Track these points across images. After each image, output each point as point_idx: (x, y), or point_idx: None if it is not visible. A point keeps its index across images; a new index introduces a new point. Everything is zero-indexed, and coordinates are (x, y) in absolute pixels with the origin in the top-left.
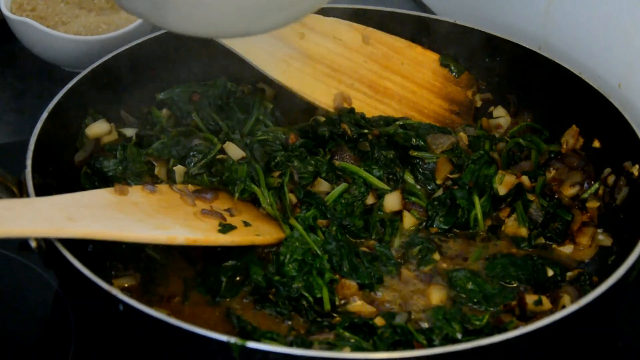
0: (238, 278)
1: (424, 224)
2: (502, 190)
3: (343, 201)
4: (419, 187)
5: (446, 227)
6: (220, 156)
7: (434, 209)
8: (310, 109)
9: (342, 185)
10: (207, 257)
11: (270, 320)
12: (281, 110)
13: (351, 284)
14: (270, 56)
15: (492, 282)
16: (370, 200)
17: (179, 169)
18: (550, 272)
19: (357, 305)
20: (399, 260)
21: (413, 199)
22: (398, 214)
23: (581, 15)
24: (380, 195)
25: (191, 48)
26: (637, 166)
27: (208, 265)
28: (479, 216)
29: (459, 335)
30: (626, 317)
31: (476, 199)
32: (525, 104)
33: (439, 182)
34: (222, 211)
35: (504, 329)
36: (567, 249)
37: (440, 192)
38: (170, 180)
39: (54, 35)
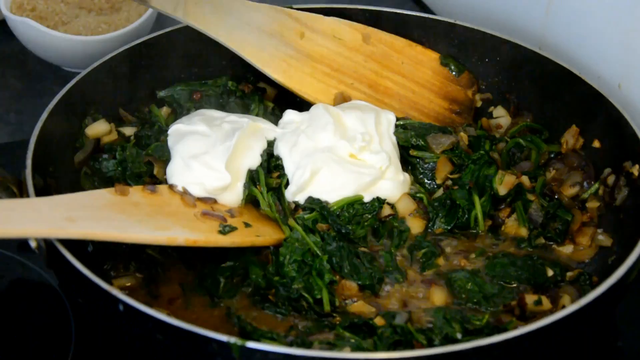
0: (236, 279)
1: (429, 224)
2: (502, 190)
3: (352, 211)
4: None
5: (448, 228)
6: None
7: (434, 210)
8: None
9: (356, 196)
10: (205, 258)
11: (270, 320)
12: (281, 110)
13: (352, 285)
14: (270, 56)
15: (492, 282)
16: (386, 211)
17: None
18: (550, 272)
19: (357, 305)
20: (405, 264)
21: (419, 195)
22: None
23: (581, 15)
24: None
25: (191, 48)
26: (637, 166)
27: (206, 266)
28: (479, 216)
29: (459, 335)
30: (626, 317)
31: (476, 199)
32: (525, 104)
33: (439, 182)
34: (223, 212)
35: (504, 329)
36: (567, 249)
37: (440, 192)
38: None
39: (54, 35)
